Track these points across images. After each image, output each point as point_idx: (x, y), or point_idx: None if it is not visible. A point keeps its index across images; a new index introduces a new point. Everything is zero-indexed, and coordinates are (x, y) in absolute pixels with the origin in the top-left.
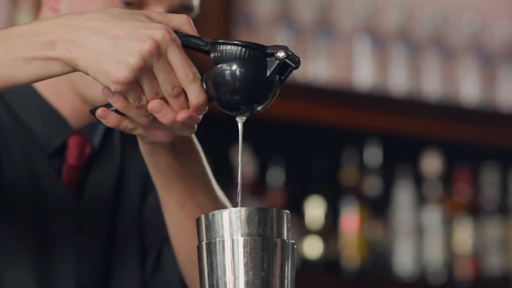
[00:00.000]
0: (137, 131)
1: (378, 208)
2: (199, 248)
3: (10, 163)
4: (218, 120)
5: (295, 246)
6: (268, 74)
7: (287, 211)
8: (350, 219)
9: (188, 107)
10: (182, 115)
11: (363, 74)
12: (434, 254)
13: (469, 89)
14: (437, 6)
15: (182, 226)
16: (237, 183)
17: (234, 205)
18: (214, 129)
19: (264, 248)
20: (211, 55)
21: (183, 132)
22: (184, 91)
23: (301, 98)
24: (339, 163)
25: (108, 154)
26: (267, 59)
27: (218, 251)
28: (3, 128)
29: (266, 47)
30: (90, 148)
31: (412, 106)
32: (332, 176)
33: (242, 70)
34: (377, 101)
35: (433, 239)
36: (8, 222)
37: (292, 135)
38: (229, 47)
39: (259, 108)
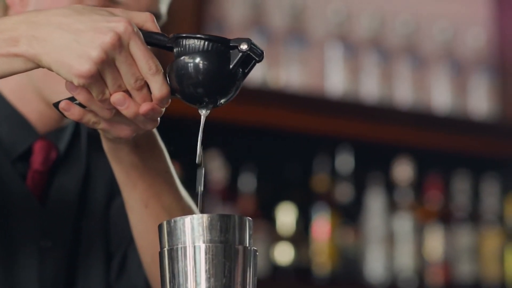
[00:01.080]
0: (100, 125)
1: (349, 215)
2: (160, 254)
3: None
4: (189, 127)
5: (257, 253)
6: (231, 66)
7: (250, 218)
8: (322, 225)
9: (151, 100)
10: (144, 108)
11: (335, 81)
12: (405, 261)
13: (441, 96)
14: (409, 14)
15: (146, 226)
16: (209, 188)
17: (206, 210)
18: (185, 136)
19: (226, 255)
20: (174, 49)
21: (145, 126)
22: (147, 84)
23: (273, 104)
24: (311, 169)
25: (74, 159)
26: (230, 51)
27: (180, 257)
28: None
29: (229, 40)
30: (56, 153)
31: (384, 114)
32: (304, 182)
33: (205, 62)
34: (349, 108)
35: (404, 246)
36: None
37: (264, 141)
38: (192, 40)
39: (222, 100)
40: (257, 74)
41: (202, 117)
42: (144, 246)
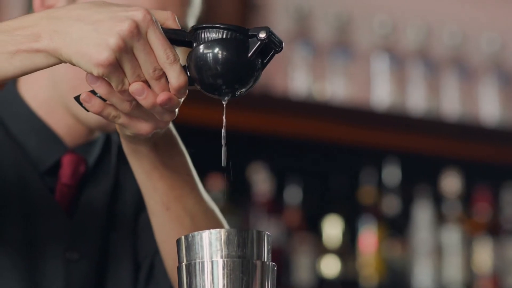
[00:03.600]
0: (120, 120)
1: (396, 227)
2: (179, 269)
3: (1, 180)
4: (234, 138)
5: (275, 268)
6: (249, 55)
7: (268, 233)
8: (368, 238)
9: (169, 90)
10: (162, 97)
11: (381, 93)
12: (454, 274)
13: (488, 108)
14: (456, 24)
15: (167, 229)
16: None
17: (251, 222)
18: (230, 148)
19: (243, 270)
20: (193, 41)
21: (163, 117)
22: (165, 74)
23: (319, 116)
24: (357, 182)
25: (103, 173)
26: (249, 40)
27: (197, 272)
28: None
29: (247, 30)
30: (85, 167)
31: (431, 125)
32: (350, 195)
33: (224, 51)
34: (395, 120)
35: (453, 259)
36: None
37: (310, 154)
38: (210, 30)
39: (241, 90)
40: (303, 86)
41: (224, 106)
42: (166, 250)
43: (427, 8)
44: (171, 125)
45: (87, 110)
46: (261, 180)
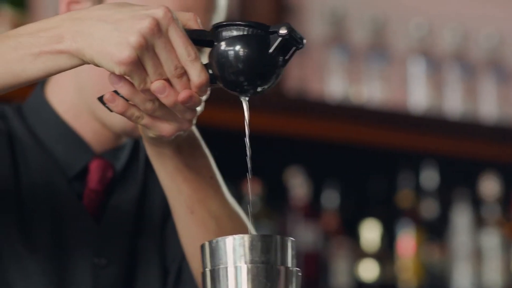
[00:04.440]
0: (143, 120)
1: (435, 231)
2: (203, 274)
3: (30, 186)
4: (271, 143)
5: (300, 274)
6: (270, 51)
7: (292, 239)
8: (407, 242)
9: (191, 88)
10: (183, 95)
11: (418, 96)
12: (493, 277)
13: None
14: (493, 27)
15: (192, 232)
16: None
17: (288, 227)
18: (267, 152)
19: (267, 275)
20: (214, 39)
21: (185, 115)
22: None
23: (355, 120)
24: (395, 185)
25: (131, 179)
26: (270, 36)
27: (221, 278)
28: (26, 152)
29: (268, 26)
30: (112, 172)
31: (468, 128)
32: (388, 198)
33: (245, 48)
34: (432, 123)
35: (492, 263)
36: (26, 244)
37: (347, 157)
38: (232, 27)
39: (263, 87)
40: (339, 90)
41: (244, 104)
42: (191, 253)
43: (463, 10)
44: (194, 128)
45: (111, 111)
46: (298, 184)
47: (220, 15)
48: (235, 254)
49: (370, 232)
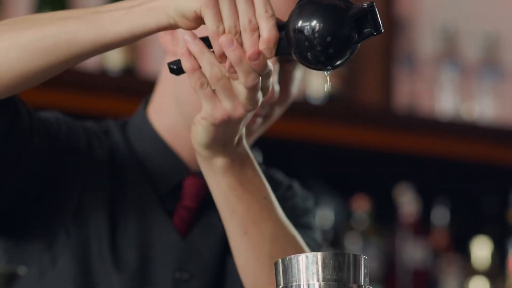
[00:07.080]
0: (206, 90)
1: None
2: None
3: (121, 198)
4: (380, 159)
5: None
6: (348, 15)
7: (365, 257)
8: None
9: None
10: (251, 51)
11: None
12: None
13: None
14: None
15: (246, 254)
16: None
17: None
18: (377, 169)
19: None
20: (292, 13)
21: (248, 78)
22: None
23: (467, 136)
24: (507, 202)
25: None
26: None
27: None
28: (124, 166)
29: (351, 2)
30: (204, 190)
31: None
32: (499, 215)
33: (323, 19)
34: None
35: None
36: (114, 261)
37: (458, 174)
38: (309, 3)
39: (337, 61)
40: (450, 107)
41: (326, 75)
42: (244, 274)
43: None
44: (245, 146)
45: (177, 74)
46: (407, 201)
47: None
48: (308, 272)
49: (481, 249)
